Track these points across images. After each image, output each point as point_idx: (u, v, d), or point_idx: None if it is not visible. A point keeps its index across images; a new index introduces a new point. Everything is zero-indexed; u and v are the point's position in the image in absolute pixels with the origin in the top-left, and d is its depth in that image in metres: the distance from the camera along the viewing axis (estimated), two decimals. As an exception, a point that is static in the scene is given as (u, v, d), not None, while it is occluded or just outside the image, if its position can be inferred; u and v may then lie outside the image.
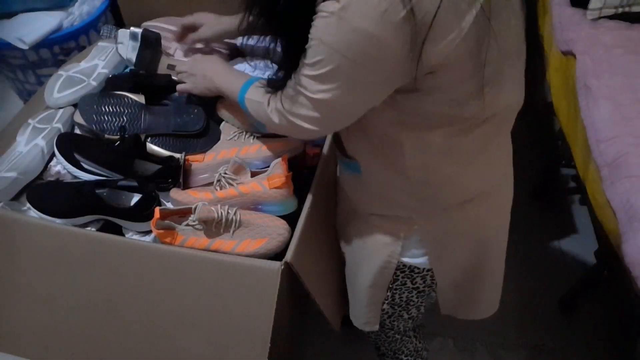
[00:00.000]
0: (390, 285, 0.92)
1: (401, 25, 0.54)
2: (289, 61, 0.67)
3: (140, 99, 1.04)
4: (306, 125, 0.70)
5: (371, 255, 0.89)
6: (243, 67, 1.13)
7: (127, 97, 1.04)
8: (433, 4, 0.54)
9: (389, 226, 0.84)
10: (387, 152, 0.74)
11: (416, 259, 0.86)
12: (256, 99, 0.80)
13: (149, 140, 1.01)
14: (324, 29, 0.58)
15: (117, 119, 1.01)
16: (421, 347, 1.17)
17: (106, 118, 1.01)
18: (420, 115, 0.67)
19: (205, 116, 1.04)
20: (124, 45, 1.10)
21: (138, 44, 1.09)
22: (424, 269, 0.88)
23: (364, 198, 0.86)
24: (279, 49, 0.69)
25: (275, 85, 0.74)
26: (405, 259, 0.87)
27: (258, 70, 1.10)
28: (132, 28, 1.10)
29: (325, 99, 0.64)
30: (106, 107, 1.02)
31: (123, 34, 1.10)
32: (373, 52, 0.57)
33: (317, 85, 0.63)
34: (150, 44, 1.11)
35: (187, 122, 1.02)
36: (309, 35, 0.60)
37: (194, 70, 0.99)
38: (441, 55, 0.58)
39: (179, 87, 1.01)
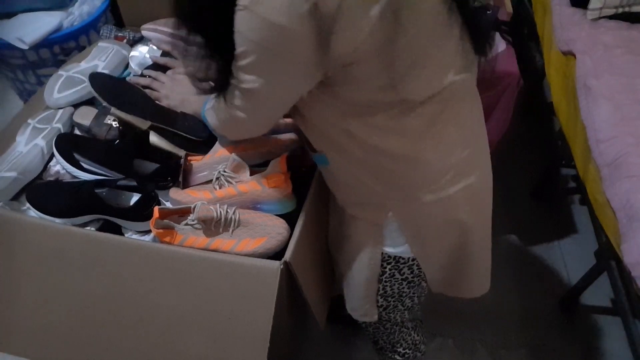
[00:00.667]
0: (380, 277, 0.93)
1: (307, 16, 0.57)
2: (220, 57, 0.69)
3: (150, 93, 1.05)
4: (241, 114, 0.75)
5: (355, 247, 0.91)
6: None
7: (138, 88, 1.04)
8: None
9: (365, 215, 0.86)
10: (341, 141, 0.76)
11: (398, 247, 0.87)
12: (209, 105, 0.87)
13: (152, 132, 0.99)
14: (240, 22, 0.61)
15: (134, 96, 1.02)
16: (419, 340, 1.18)
17: (123, 92, 1.02)
18: (356, 104, 0.70)
19: None
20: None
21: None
22: (408, 258, 0.89)
23: (338, 188, 0.89)
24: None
25: (220, 86, 0.76)
26: (388, 249, 0.88)
27: None
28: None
29: (253, 89, 0.68)
30: (121, 86, 1.04)
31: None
32: (285, 43, 0.61)
33: (244, 75, 0.67)
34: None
35: (193, 127, 1.01)
36: (233, 28, 0.63)
37: (172, 92, 1.02)
38: (348, 47, 0.61)
39: (154, 94, 1.03)
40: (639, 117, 1.29)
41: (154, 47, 1.21)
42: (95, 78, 1.02)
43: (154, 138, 0.99)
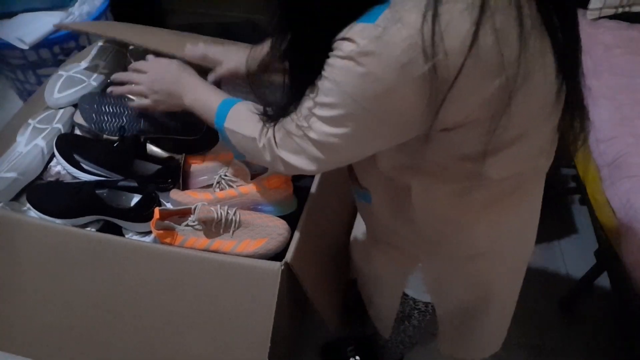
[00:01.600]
0: (397, 309, 0.96)
1: (421, 81, 0.51)
2: (295, 93, 0.63)
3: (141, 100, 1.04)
4: (301, 165, 0.65)
5: (379, 280, 0.93)
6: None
7: (128, 97, 1.04)
8: (456, 64, 0.50)
9: (395, 256, 0.85)
10: (396, 192, 0.71)
11: (419, 294, 0.89)
12: (241, 131, 0.73)
13: (148, 141, 1.01)
14: (339, 71, 0.54)
15: (117, 120, 1.01)
16: (407, 342, 1.18)
17: (106, 118, 1.01)
18: (430, 164, 0.64)
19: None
20: None
21: None
22: (427, 303, 0.91)
23: (374, 226, 0.86)
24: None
25: (271, 117, 0.68)
26: (409, 291, 0.90)
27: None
28: None
29: (330, 143, 0.60)
30: (106, 107, 1.02)
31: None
32: (389, 104, 0.54)
33: (325, 127, 0.59)
34: None
35: (186, 127, 1.02)
36: (323, 73, 0.56)
37: (155, 86, 0.87)
38: (459, 115, 0.55)
39: (133, 104, 0.92)
40: (639, 117, 1.29)
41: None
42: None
43: (150, 147, 1.00)
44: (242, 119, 0.74)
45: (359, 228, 0.98)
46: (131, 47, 1.15)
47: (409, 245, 0.80)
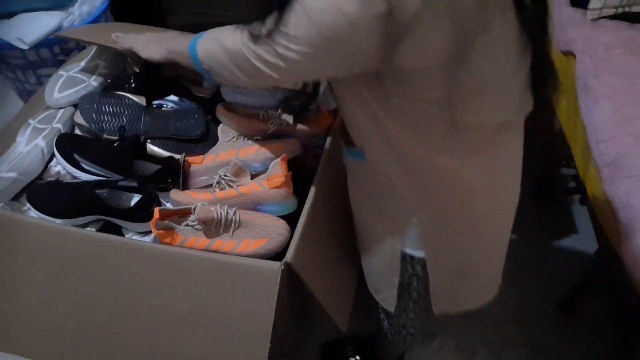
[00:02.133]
0: (399, 272, 0.95)
1: (378, 20, 0.55)
2: (265, 9, 0.66)
3: (141, 100, 1.04)
4: (267, 70, 0.69)
5: (379, 243, 0.93)
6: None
7: (128, 97, 1.04)
8: (413, 9, 0.55)
9: (390, 213, 0.87)
10: (385, 145, 0.75)
11: (416, 251, 0.89)
12: (210, 36, 0.78)
13: (148, 141, 1.01)
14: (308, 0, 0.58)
15: (117, 120, 1.01)
16: (410, 325, 1.18)
17: (106, 118, 1.01)
18: (407, 112, 0.69)
19: (205, 121, 1.05)
20: None
21: None
22: (423, 258, 0.90)
23: (369, 184, 0.88)
24: None
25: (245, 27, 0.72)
26: (407, 250, 0.89)
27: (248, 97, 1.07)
28: None
29: (290, 58, 0.64)
30: (106, 107, 1.02)
31: None
32: (347, 35, 0.58)
33: (287, 42, 0.63)
34: None
35: (187, 126, 1.03)
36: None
37: (143, 37, 0.96)
38: (413, 60, 0.60)
39: (122, 44, 0.97)
40: (639, 117, 1.29)
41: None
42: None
43: (150, 147, 1.00)
44: (211, 40, 0.78)
45: (356, 199, 0.98)
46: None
47: (403, 200, 0.82)
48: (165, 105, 1.09)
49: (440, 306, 1.02)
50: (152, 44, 0.93)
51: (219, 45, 0.75)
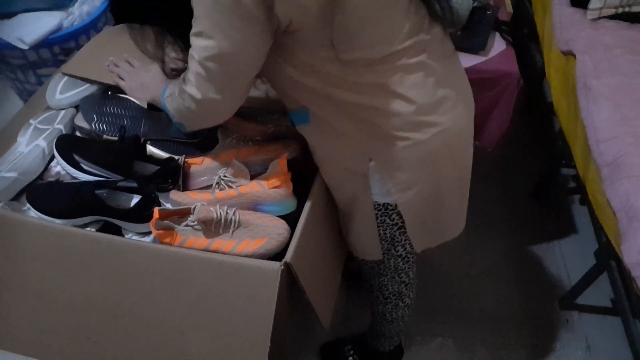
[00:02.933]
0: (376, 222, 0.98)
1: None
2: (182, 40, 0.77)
3: (142, 103, 1.04)
4: (211, 94, 0.78)
5: (349, 196, 0.96)
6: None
7: (129, 100, 1.04)
8: None
9: (350, 165, 0.90)
10: (312, 97, 0.83)
11: (385, 197, 0.92)
12: (169, 92, 0.90)
13: (148, 143, 1.01)
14: None
15: (118, 122, 1.01)
16: (405, 294, 1.21)
17: (107, 119, 1.01)
18: (310, 63, 0.78)
19: None
20: None
21: None
22: (395, 204, 0.93)
23: (320, 146, 0.92)
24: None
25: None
26: (376, 198, 0.92)
27: None
28: None
29: (212, 55, 0.73)
30: (107, 108, 1.02)
31: None
32: (234, 5, 0.67)
33: (201, 41, 0.72)
34: None
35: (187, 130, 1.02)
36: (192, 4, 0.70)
37: (133, 77, 1.06)
38: (290, 11, 0.69)
39: (115, 78, 1.07)
40: (639, 117, 1.29)
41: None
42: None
43: (150, 148, 1.00)
44: (169, 87, 0.93)
45: (323, 167, 0.99)
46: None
47: (356, 146, 0.87)
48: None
49: (422, 243, 1.05)
50: (136, 91, 1.05)
51: (176, 101, 0.87)
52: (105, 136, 1.00)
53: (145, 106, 1.04)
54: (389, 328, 1.32)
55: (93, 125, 1.00)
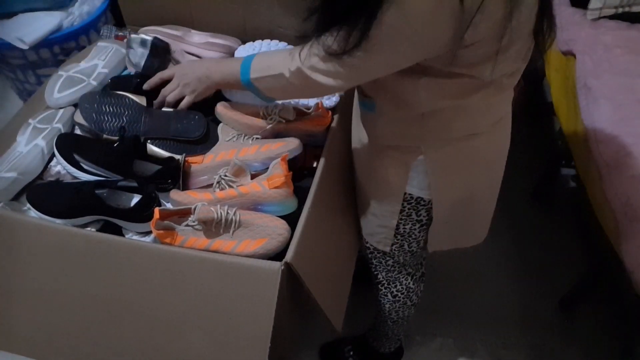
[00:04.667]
0: (399, 214, 0.98)
1: (451, 13, 0.60)
2: (329, 20, 0.68)
3: (141, 100, 1.04)
4: (330, 84, 0.75)
5: (381, 181, 0.95)
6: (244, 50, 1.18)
7: (128, 97, 1.04)
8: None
9: (396, 154, 0.90)
10: (402, 95, 0.80)
11: (421, 190, 0.92)
12: (268, 73, 0.83)
13: (148, 141, 1.01)
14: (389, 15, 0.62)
15: (117, 120, 1.01)
16: (413, 290, 1.21)
17: (106, 118, 1.01)
18: (441, 71, 0.73)
19: (205, 122, 1.04)
20: (134, 51, 1.11)
21: (147, 51, 1.10)
22: (429, 200, 0.94)
23: (377, 132, 0.91)
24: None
25: (301, 40, 0.76)
26: (412, 189, 0.92)
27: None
28: (142, 35, 1.11)
29: (360, 67, 0.71)
30: (106, 106, 1.02)
31: (135, 40, 1.10)
32: (425, 32, 0.64)
33: (358, 52, 0.67)
34: (159, 53, 1.12)
35: (187, 128, 1.02)
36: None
37: (184, 79, 0.98)
38: (477, 36, 0.64)
39: (182, 105, 0.99)
40: (639, 117, 1.29)
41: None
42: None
43: (150, 147, 1.00)
44: (264, 64, 0.85)
45: (360, 149, 1.01)
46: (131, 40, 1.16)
47: (411, 139, 0.87)
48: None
49: (436, 244, 1.05)
50: (199, 88, 0.97)
51: (275, 69, 0.82)
52: (105, 135, 1.00)
53: (210, 94, 1.01)
54: (393, 328, 1.32)
55: (93, 125, 1.00)
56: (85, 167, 0.95)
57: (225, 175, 0.91)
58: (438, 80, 0.75)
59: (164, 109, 1.05)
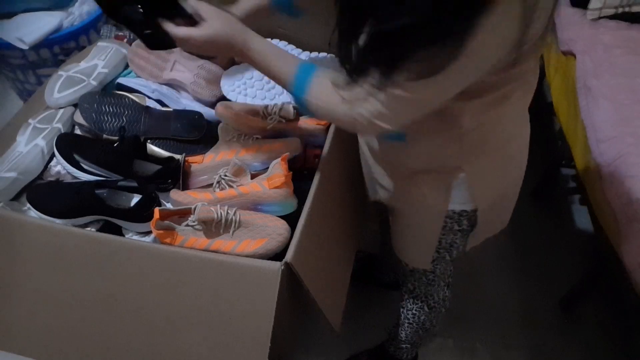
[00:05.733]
0: (440, 232, 0.95)
1: (520, 17, 0.57)
2: (393, 58, 0.61)
3: (141, 100, 1.04)
4: (393, 125, 0.69)
5: (419, 209, 0.93)
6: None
7: (128, 97, 1.04)
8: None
9: (436, 179, 0.87)
10: (448, 117, 0.74)
11: (464, 204, 0.89)
12: (326, 104, 0.74)
13: (148, 141, 1.01)
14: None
15: (117, 120, 1.01)
16: (447, 297, 1.19)
17: (106, 118, 1.01)
18: (488, 83, 0.69)
19: (205, 122, 1.04)
20: None
21: None
22: (471, 210, 0.91)
23: (410, 161, 0.87)
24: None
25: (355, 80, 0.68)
26: (454, 206, 0.90)
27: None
28: None
29: (425, 99, 0.65)
30: (106, 106, 1.02)
31: None
32: (502, 50, 0.61)
33: (426, 85, 0.62)
34: None
35: (187, 127, 1.02)
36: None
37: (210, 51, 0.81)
38: (535, 33, 0.61)
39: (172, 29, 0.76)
40: (639, 117, 1.29)
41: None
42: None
43: (150, 147, 1.00)
44: (323, 91, 0.74)
45: (384, 173, 0.96)
46: (132, 46, 1.16)
47: (450, 160, 0.83)
48: (166, 105, 1.09)
49: (473, 242, 1.04)
50: (225, 51, 0.80)
51: (334, 107, 0.73)
52: (105, 135, 1.00)
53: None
54: (423, 336, 1.29)
55: (93, 125, 1.00)
56: (85, 167, 0.95)
57: (225, 175, 0.91)
58: (484, 95, 0.71)
59: (163, 104, 1.05)
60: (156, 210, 0.82)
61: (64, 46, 1.59)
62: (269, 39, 1.08)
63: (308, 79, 0.75)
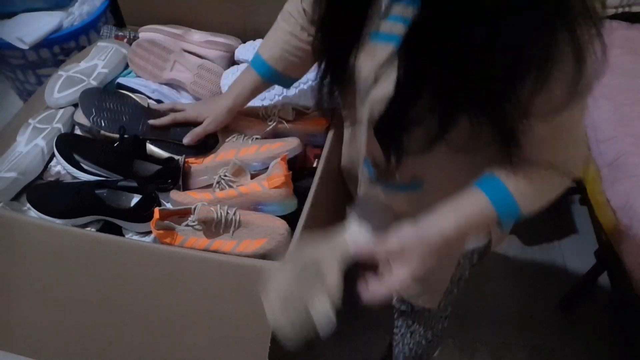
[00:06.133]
0: (452, 271, 0.93)
1: None
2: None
3: (142, 101, 1.04)
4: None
5: None
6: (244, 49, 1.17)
7: (130, 97, 1.04)
8: None
9: None
10: (471, 168, 0.72)
11: (478, 241, 0.88)
12: (539, 203, 0.77)
13: (148, 142, 1.00)
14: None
15: (117, 118, 1.00)
16: (446, 328, 1.17)
17: (106, 115, 1.00)
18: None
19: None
20: None
21: None
22: (483, 245, 0.90)
23: (420, 211, 0.75)
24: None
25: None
26: (468, 246, 0.88)
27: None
28: None
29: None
30: (107, 103, 1.01)
31: None
32: None
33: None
34: None
35: (187, 132, 1.01)
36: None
37: (410, 253, 0.66)
38: None
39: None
40: (639, 117, 1.30)
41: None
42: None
43: (150, 147, 0.99)
44: (535, 197, 0.76)
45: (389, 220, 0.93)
46: (132, 46, 1.16)
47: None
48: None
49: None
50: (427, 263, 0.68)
51: (546, 195, 0.80)
52: (102, 132, 0.99)
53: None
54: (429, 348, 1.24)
55: (92, 120, 0.99)
56: (85, 167, 0.95)
57: (225, 175, 0.91)
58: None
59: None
60: (156, 210, 0.82)
61: (64, 46, 1.59)
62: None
63: (505, 196, 0.70)
